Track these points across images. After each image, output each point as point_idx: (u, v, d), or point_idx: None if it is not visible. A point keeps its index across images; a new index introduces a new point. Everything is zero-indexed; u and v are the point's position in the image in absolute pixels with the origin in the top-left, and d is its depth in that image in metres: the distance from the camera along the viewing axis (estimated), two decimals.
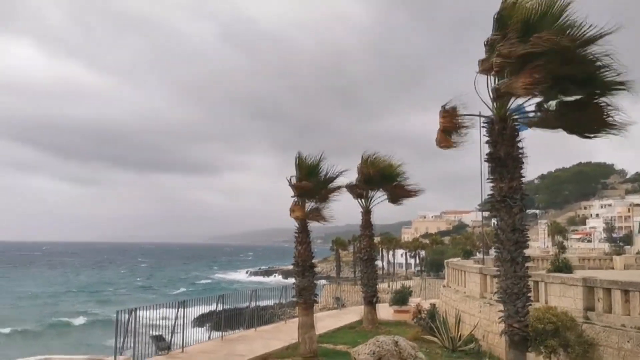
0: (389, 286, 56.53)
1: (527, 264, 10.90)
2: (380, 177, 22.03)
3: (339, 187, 17.86)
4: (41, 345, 42.30)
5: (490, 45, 10.47)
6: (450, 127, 10.84)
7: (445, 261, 26.84)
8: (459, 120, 10.85)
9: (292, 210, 16.28)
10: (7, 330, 52.20)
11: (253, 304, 21.64)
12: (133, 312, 14.56)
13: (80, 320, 59.86)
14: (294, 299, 18.39)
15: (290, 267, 19.25)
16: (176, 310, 16.57)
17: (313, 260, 16.70)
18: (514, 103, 10.70)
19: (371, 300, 22.39)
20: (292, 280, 17.22)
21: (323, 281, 72.35)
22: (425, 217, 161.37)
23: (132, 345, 14.37)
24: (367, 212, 23.15)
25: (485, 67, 10.12)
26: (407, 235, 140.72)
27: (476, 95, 10.62)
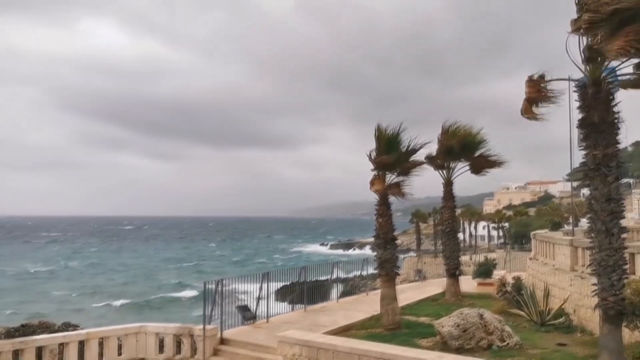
0: (470, 259, 55.50)
1: (623, 235, 10.31)
2: (462, 147, 21.43)
3: (421, 163, 17.55)
4: (137, 316, 44.99)
5: (581, 4, 9.80)
6: (537, 96, 10.31)
7: (532, 233, 25.89)
8: (546, 90, 10.29)
9: (371, 184, 16.18)
10: (108, 302, 55.67)
11: (334, 276, 21.88)
12: (220, 283, 15.09)
13: (174, 292, 62.89)
14: (375, 271, 18.40)
15: (371, 239, 19.26)
16: (260, 281, 17.00)
17: (394, 233, 16.61)
18: (609, 64, 10.02)
19: (454, 272, 22.05)
20: (373, 252, 17.21)
21: (411, 253, 71.97)
22: (508, 189, 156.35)
23: (219, 314, 14.92)
24: (448, 184, 22.67)
25: (577, 27, 9.49)
26: (489, 207, 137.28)
27: (566, 60, 10.04)
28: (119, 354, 14.36)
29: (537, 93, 10.32)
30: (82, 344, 13.76)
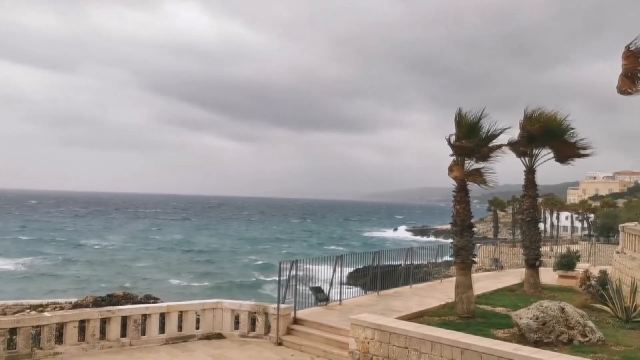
0: (551, 250, 53.43)
1: None
2: (544, 134, 20.53)
3: (500, 146, 16.94)
4: (214, 292, 46.50)
5: None
6: (634, 70, 9.67)
7: (620, 225, 24.57)
8: None
9: (450, 170, 15.81)
10: (186, 278, 57.68)
11: (408, 262, 21.68)
12: (294, 264, 15.31)
13: (250, 271, 64.43)
14: (450, 259, 18.07)
15: (446, 226, 18.89)
16: (334, 264, 17.12)
17: (471, 220, 16.21)
18: None
19: (533, 263, 21.30)
20: (447, 239, 16.93)
21: (493, 246, 70.32)
22: (595, 178, 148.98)
23: (293, 295, 15.17)
24: (530, 172, 21.83)
25: None
26: (573, 197, 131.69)
27: None
28: (197, 327, 14.91)
29: (635, 65, 9.67)
30: (162, 316, 14.40)
